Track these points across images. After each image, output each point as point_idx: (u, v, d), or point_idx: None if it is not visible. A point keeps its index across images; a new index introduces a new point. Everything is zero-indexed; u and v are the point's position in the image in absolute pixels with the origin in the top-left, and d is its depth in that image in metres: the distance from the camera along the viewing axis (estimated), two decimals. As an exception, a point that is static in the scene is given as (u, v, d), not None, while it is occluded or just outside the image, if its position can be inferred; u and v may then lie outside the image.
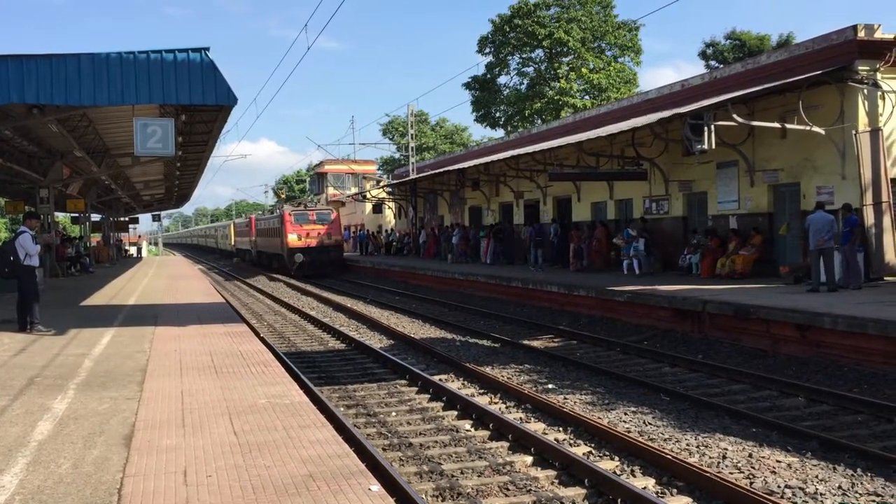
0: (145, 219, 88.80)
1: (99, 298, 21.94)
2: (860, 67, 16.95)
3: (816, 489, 7.19)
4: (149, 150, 14.80)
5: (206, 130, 22.41)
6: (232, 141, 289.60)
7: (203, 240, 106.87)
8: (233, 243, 67.80)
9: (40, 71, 13.67)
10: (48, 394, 8.78)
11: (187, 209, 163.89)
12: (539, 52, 55.45)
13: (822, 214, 15.81)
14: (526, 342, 16.10)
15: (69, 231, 50.70)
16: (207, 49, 13.91)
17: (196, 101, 14.46)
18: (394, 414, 10.61)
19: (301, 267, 39.48)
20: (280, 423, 7.39)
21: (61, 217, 53.59)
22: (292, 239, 40.03)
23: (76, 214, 45.30)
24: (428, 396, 11.59)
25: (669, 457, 7.86)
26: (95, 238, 52.13)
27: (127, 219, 64.12)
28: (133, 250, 72.58)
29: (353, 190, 56.45)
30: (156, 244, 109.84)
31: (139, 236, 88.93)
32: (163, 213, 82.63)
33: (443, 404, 11.04)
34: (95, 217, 50.95)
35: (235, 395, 8.65)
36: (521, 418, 10.10)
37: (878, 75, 17.07)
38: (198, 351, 11.84)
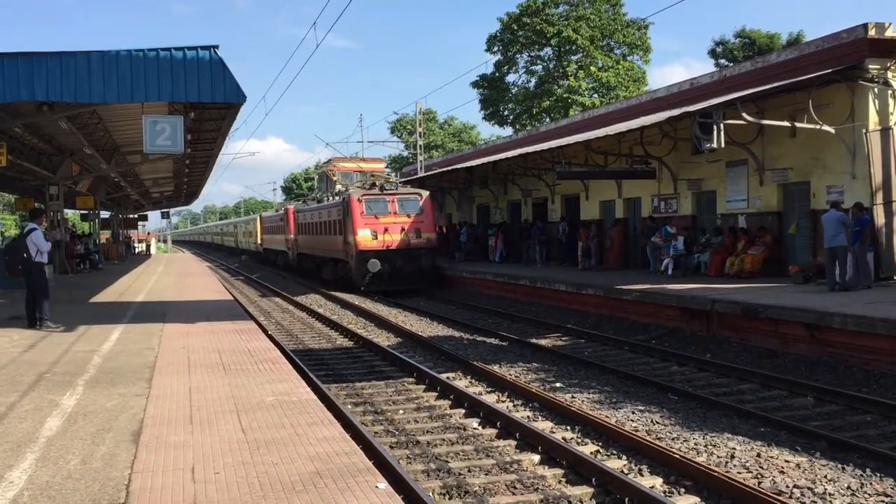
0: (154, 216, 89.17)
1: (108, 295, 22.02)
2: (871, 66, 16.85)
3: (825, 489, 7.16)
4: (158, 147, 14.85)
5: (215, 128, 22.44)
6: (241, 139, 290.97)
7: (219, 238, 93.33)
8: (259, 242, 56.16)
9: (50, 68, 13.71)
10: (57, 390, 8.81)
11: (196, 207, 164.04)
12: (548, 51, 55.32)
13: (833, 213, 15.76)
14: (534, 341, 16.08)
15: (78, 228, 50.93)
16: (216, 47, 13.94)
17: (205, 98, 14.49)
18: (401, 412, 10.62)
19: (377, 279, 27.50)
20: (288, 420, 7.40)
21: (70, 214, 53.87)
22: (363, 237, 27.83)
23: (85, 211, 45.53)
24: (435, 394, 11.60)
25: (677, 456, 7.84)
26: (105, 235, 52.33)
27: (136, 216, 64.40)
28: (142, 247, 72.77)
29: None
30: (165, 242, 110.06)
31: (148, 233, 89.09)
32: (171, 211, 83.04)
33: (450, 402, 11.04)
34: (104, 214, 51.19)
35: (243, 392, 8.67)
36: (528, 417, 10.09)
37: (889, 74, 16.98)
38: (206, 348, 11.87)
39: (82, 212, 47.71)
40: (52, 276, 17.57)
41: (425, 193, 30.04)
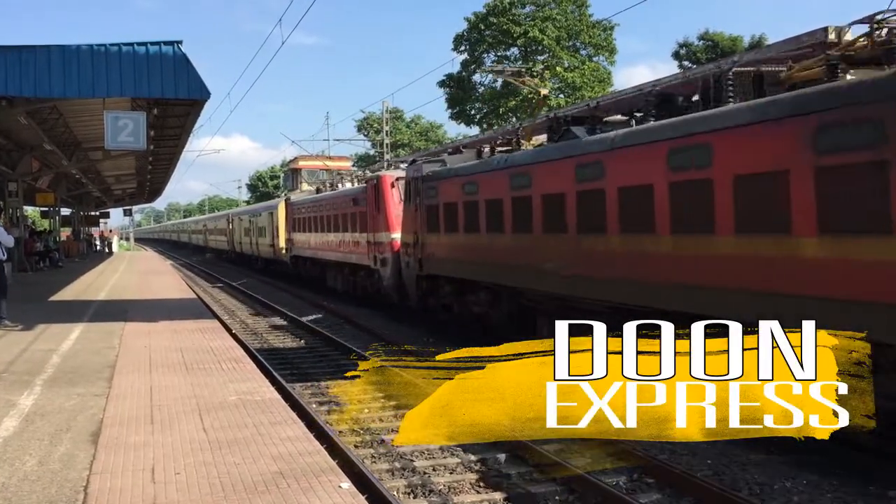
0: (116, 213, 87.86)
1: (68, 293, 21.67)
2: (830, 69, 17.14)
3: (784, 486, 7.27)
4: (120, 143, 14.69)
5: (179, 125, 22.22)
6: (205, 136, 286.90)
7: (200, 237, 68.63)
8: (280, 246, 34.98)
9: (9, 62, 13.47)
10: (14, 390, 8.65)
11: (159, 204, 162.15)
12: (514, 51, 55.59)
13: None
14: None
15: (38, 225, 50.06)
16: (180, 42, 13.81)
17: (168, 94, 14.36)
18: (366, 411, 10.57)
19: None
20: (251, 419, 7.34)
21: (30, 211, 52.89)
22: None
23: (46, 208, 44.70)
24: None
25: (639, 454, 7.91)
26: (65, 232, 51.47)
27: (98, 213, 63.43)
28: (104, 245, 71.62)
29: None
30: (127, 239, 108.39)
31: (111, 231, 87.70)
32: (134, 208, 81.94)
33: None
34: (65, 211, 50.33)
35: (206, 391, 8.58)
36: (493, 415, 10.09)
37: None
38: (168, 347, 11.74)
39: (42, 209, 46.83)
40: (10, 274, 17.24)
41: None
